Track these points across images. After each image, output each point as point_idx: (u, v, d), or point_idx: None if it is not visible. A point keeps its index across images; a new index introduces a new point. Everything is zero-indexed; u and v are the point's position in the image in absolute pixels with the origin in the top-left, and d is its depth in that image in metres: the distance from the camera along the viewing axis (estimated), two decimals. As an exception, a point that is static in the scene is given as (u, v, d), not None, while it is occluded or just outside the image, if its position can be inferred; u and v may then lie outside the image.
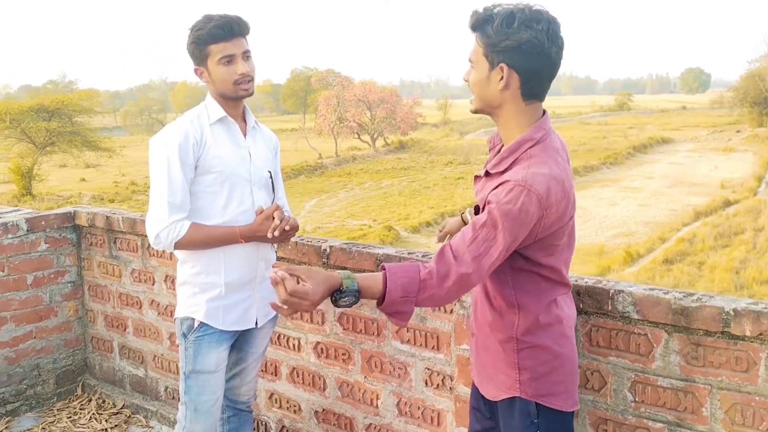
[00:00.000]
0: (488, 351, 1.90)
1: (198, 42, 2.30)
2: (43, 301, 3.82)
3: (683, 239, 22.91)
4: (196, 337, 2.40)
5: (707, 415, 2.04)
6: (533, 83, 1.75)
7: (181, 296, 2.46)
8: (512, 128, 1.80)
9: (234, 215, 2.38)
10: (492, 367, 1.90)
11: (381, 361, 2.83)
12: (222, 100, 2.38)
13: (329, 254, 2.88)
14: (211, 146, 2.34)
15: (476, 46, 1.77)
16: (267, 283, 2.51)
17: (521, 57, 1.70)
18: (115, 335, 3.90)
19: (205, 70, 2.34)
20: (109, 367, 3.96)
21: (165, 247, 2.31)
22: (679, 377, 2.07)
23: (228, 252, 2.38)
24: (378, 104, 49.64)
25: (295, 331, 3.09)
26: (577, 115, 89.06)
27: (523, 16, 1.69)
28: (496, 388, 1.89)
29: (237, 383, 2.63)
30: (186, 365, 2.43)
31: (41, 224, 3.77)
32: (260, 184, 2.46)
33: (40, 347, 3.82)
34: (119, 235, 3.76)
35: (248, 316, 2.48)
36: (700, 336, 2.03)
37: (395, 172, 40.66)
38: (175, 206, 2.28)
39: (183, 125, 2.34)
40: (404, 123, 50.35)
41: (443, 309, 2.61)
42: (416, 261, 1.91)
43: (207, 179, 2.34)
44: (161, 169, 2.29)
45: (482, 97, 1.80)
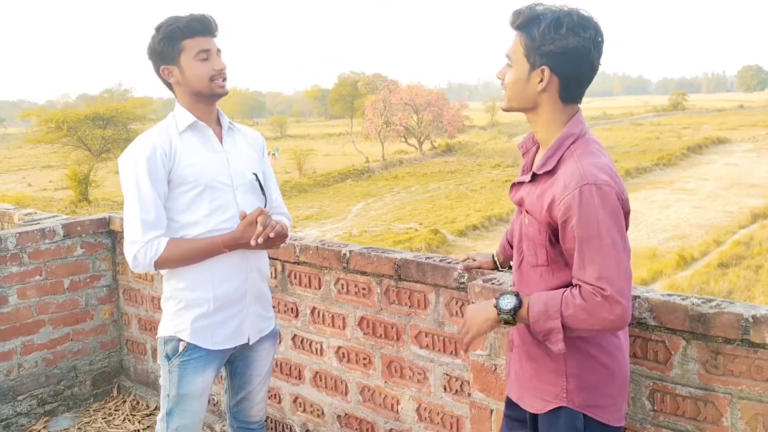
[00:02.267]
0: (533, 360, 1.84)
1: (171, 37, 2.16)
2: (80, 304, 3.94)
3: (739, 242, 22.16)
4: (181, 360, 2.25)
5: (727, 425, 1.97)
6: (572, 88, 1.74)
7: (166, 313, 2.31)
8: (551, 128, 1.78)
9: (218, 223, 2.22)
10: (536, 378, 1.84)
11: (401, 366, 2.82)
12: (193, 103, 2.24)
13: (348, 259, 2.89)
14: (182, 156, 2.19)
15: (517, 45, 1.75)
16: (262, 297, 2.40)
17: (564, 62, 1.69)
18: (148, 338, 3.99)
19: (177, 68, 2.19)
20: (143, 369, 4.06)
21: (144, 268, 2.16)
22: (698, 386, 2.00)
23: (215, 264, 2.23)
24: (425, 107, 49.58)
25: (318, 335, 3.10)
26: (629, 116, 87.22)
27: (572, 22, 1.67)
28: (540, 399, 1.83)
29: (246, 406, 2.51)
30: (169, 388, 2.28)
31: (77, 230, 3.88)
32: (245, 188, 2.30)
33: (76, 349, 3.94)
34: (151, 240, 3.84)
35: (240, 331, 2.32)
36: (720, 343, 1.96)
37: (442, 176, 40.50)
38: (149, 224, 2.14)
39: (149, 138, 2.20)
40: (451, 126, 50.15)
41: (460, 314, 2.59)
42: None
43: (183, 190, 2.20)
44: (131, 187, 2.15)
45: (518, 96, 1.79)
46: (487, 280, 2.34)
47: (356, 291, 2.91)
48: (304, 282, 3.11)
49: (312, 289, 3.09)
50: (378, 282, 2.83)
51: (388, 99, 48.68)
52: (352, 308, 2.94)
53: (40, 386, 3.80)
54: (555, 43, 1.67)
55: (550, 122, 1.78)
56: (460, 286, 2.54)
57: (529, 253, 1.81)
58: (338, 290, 2.99)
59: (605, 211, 1.62)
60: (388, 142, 48.85)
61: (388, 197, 34.80)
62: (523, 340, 1.89)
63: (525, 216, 1.81)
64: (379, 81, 57.70)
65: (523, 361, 1.89)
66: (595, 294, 1.61)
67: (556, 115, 1.77)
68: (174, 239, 2.19)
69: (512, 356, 1.97)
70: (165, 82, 2.26)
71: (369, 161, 45.61)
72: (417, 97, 49.86)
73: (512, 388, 1.97)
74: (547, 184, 1.73)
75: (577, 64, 1.70)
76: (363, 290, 2.89)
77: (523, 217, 1.83)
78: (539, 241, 1.77)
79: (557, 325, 1.65)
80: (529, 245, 1.80)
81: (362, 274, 2.87)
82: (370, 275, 2.84)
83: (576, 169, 1.66)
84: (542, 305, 1.68)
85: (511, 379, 1.98)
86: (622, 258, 1.64)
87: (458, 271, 2.53)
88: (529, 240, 1.79)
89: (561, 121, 1.77)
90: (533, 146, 1.92)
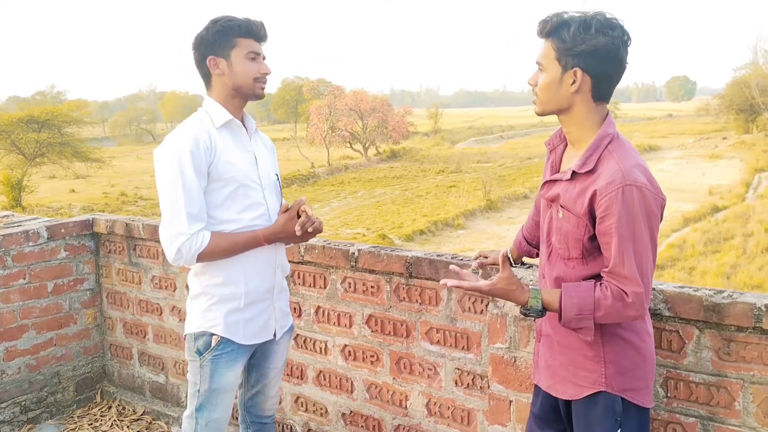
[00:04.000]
0: (568, 348, 1.92)
1: (228, 30, 2.20)
2: (63, 308, 3.84)
3: (673, 245, 23.06)
4: (213, 355, 2.27)
5: (740, 409, 2.09)
6: (604, 86, 1.84)
7: (196, 309, 2.31)
8: (585, 127, 1.87)
9: (250, 220, 2.27)
10: (572, 365, 1.91)
11: (410, 362, 2.87)
12: (229, 99, 2.27)
13: (357, 258, 2.93)
14: (222, 152, 2.22)
15: (547, 51, 1.85)
16: (284, 293, 2.47)
17: (596, 61, 1.79)
18: (134, 342, 3.92)
19: (224, 60, 2.22)
20: (128, 374, 3.98)
21: (186, 261, 2.17)
22: (711, 372, 2.13)
23: (247, 260, 2.27)
24: (370, 113, 49.76)
25: (322, 334, 3.13)
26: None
27: (599, 23, 1.78)
28: (576, 385, 1.90)
29: (261, 399, 2.54)
30: (201, 383, 2.29)
31: (61, 232, 3.79)
32: (270, 188, 2.36)
33: (60, 354, 3.84)
34: (139, 242, 3.79)
35: (267, 327, 2.38)
36: (732, 332, 2.09)
37: (387, 181, 40.71)
38: (194, 216, 2.15)
39: (191, 131, 2.19)
40: (396, 132, 50.48)
41: (473, 309, 2.67)
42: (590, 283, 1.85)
43: (219, 186, 2.21)
44: (174, 179, 2.14)
45: (552, 99, 1.88)
46: (506, 275, 2.42)
47: (364, 289, 2.95)
48: (308, 281, 3.13)
49: (317, 288, 3.11)
50: (387, 280, 2.87)
51: (334, 104, 48.65)
52: (360, 306, 2.98)
53: (23, 393, 3.69)
54: (586, 43, 1.78)
55: (584, 121, 1.88)
56: (474, 282, 2.61)
57: (561, 247, 1.89)
58: (345, 289, 3.02)
59: (642, 213, 1.74)
60: (333, 148, 48.80)
61: (335, 203, 34.75)
62: (555, 330, 1.96)
63: (559, 211, 1.89)
64: (324, 86, 57.66)
65: (555, 351, 1.97)
66: (627, 295, 1.75)
67: (590, 115, 1.87)
68: (216, 232, 2.20)
69: (540, 346, 2.04)
70: (205, 73, 2.28)
71: (315, 166, 45.45)
72: (362, 102, 49.99)
73: (541, 378, 2.04)
74: (589, 181, 1.82)
75: (608, 62, 1.81)
76: (372, 288, 2.93)
77: (556, 212, 1.91)
78: (576, 236, 1.85)
79: (590, 325, 1.80)
80: (561, 239, 1.89)
81: (371, 272, 2.91)
82: (379, 273, 2.89)
83: (618, 169, 1.76)
84: (576, 309, 1.79)
85: (539, 369, 2.05)
86: (650, 259, 1.78)
87: (472, 267, 2.61)
88: (563, 234, 1.88)
89: (594, 121, 1.87)
90: (560, 144, 2.01)
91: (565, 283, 1.83)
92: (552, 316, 1.95)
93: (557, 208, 1.90)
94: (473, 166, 44.82)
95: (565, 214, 1.87)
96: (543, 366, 2.03)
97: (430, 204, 32.21)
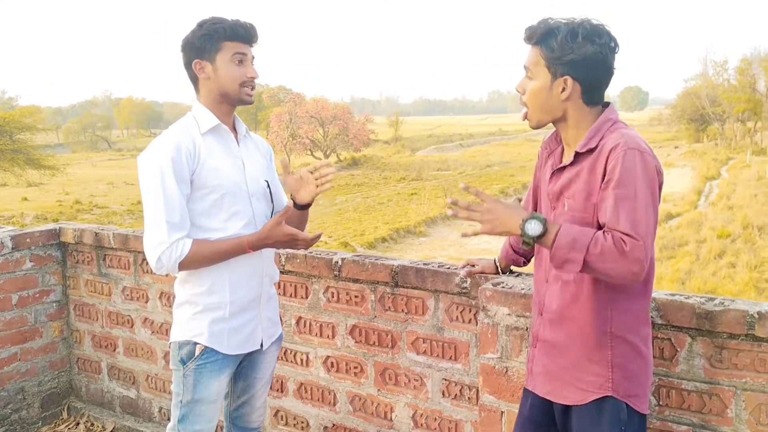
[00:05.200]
0: (571, 351, 1.88)
1: (213, 34, 2.15)
2: (28, 321, 3.68)
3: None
4: (197, 364, 2.21)
5: (732, 416, 2.10)
6: (593, 92, 1.84)
7: (180, 318, 2.26)
8: (581, 128, 1.87)
9: (236, 230, 2.21)
10: (575, 369, 1.87)
11: (395, 373, 2.82)
12: (216, 104, 2.22)
13: (341, 267, 2.87)
14: (206, 158, 2.16)
15: (536, 58, 1.84)
16: (272, 302, 2.42)
17: (585, 69, 1.80)
18: (103, 356, 3.78)
19: (210, 65, 2.17)
20: (96, 389, 3.84)
21: (168, 269, 2.13)
22: (703, 380, 2.13)
23: (233, 268, 2.22)
24: (330, 121, 49.68)
25: (304, 345, 3.06)
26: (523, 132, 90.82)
27: (585, 31, 1.78)
28: (580, 390, 1.86)
29: (247, 411, 2.48)
30: (183, 394, 2.24)
31: (26, 242, 3.64)
32: (258, 195, 2.30)
33: (24, 370, 3.68)
34: (109, 252, 3.66)
35: (254, 337, 2.32)
36: (724, 339, 2.09)
37: (349, 189, 40.63)
38: (175, 225, 2.10)
39: (173, 137, 2.15)
40: (357, 140, 50.48)
41: (461, 319, 2.64)
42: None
43: (203, 194, 2.17)
44: (155, 187, 2.09)
45: (542, 107, 1.87)
46: (497, 283, 2.40)
47: (348, 299, 2.90)
48: (289, 291, 3.05)
49: (298, 298, 3.04)
50: (372, 289, 2.82)
51: (294, 111, 48.44)
52: (343, 317, 2.92)
53: (-14, 411, 3.53)
54: (574, 51, 1.79)
55: (580, 123, 1.88)
56: (462, 291, 2.59)
57: None
58: (328, 299, 2.96)
59: (644, 176, 1.72)
60: (294, 155, 48.50)
61: (296, 210, 34.48)
62: (556, 333, 1.92)
63: (565, 204, 1.85)
64: (284, 93, 57.38)
65: (554, 354, 1.93)
66: (625, 243, 1.66)
67: (586, 117, 1.87)
68: (198, 240, 2.16)
69: (537, 351, 2.00)
70: (192, 76, 2.23)
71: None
72: (323, 110, 49.89)
73: (537, 384, 2.00)
74: (593, 159, 1.79)
75: (597, 69, 1.82)
76: (356, 298, 2.87)
77: (562, 207, 1.87)
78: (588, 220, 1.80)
79: (579, 259, 1.69)
80: None
81: (355, 281, 2.86)
82: (363, 283, 2.84)
83: (620, 136, 1.76)
84: (570, 237, 1.70)
85: (534, 375, 2.00)
86: (651, 221, 1.73)
87: (460, 276, 2.58)
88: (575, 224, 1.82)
89: (590, 120, 1.87)
90: (557, 147, 1.99)
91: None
92: (550, 318, 1.92)
93: (562, 202, 1.87)
94: (434, 173, 45.06)
95: (570, 204, 1.84)
96: (540, 371, 1.99)
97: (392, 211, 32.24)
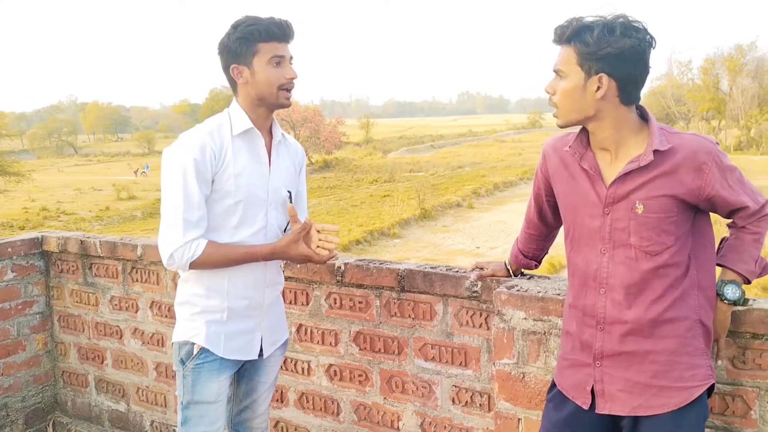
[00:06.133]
0: (663, 353, 1.79)
1: (248, 37, 2.09)
2: (11, 334, 3.52)
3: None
4: (195, 364, 2.18)
5: (756, 417, 2.06)
6: (630, 89, 1.76)
7: (180, 318, 2.24)
8: (623, 130, 1.79)
9: (245, 236, 2.17)
10: (674, 369, 1.78)
11: (402, 380, 2.74)
12: (254, 107, 2.17)
13: (344, 272, 2.78)
14: (230, 162, 2.12)
15: (568, 56, 1.76)
16: (275, 307, 2.36)
17: (622, 64, 1.71)
18: (90, 368, 3.63)
19: (247, 69, 2.12)
20: (83, 403, 3.69)
21: (179, 267, 2.11)
22: (727, 381, 2.09)
23: (234, 275, 2.18)
24: (302, 123, 49.42)
25: (305, 354, 2.96)
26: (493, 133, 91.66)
27: (623, 25, 1.70)
28: (683, 390, 1.78)
29: (249, 416, 2.42)
30: (184, 395, 2.21)
31: (8, 251, 3.48)
32: (277, 204, 2.25)
33: (7, 385, 3.51)
34: (96, 261, 3.52)
35: (251, 346, 2.26)
36: (747, 339, 2.05)
37: (322, 191, 40.41)
38: (191, 224, 2.06)
39: (200, 137, 2.10)
40: (328, 142, 50.30)
41: (471, 323, 2.57)
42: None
43: (221, 197, 2.13)
44: (176, 184, 2.06)
45: (576, 108, 1.78)
46: (510, 287, 2.33)
47: (351, 305, 2.81)
48: (288, 298, 2.95)
49: (298, 305, 2.94)
50: (377, 295, 2.74)
51: (264, 115, 48.09)
52: (347, 323, 2.83)
53: (-33, 429, 3.36)
54: (612, 45, 1.69)
55: (622, 124, 1.79)
56: (473, 295, 2.52)
57: (650, 242, 1.77)
58: (330, 305, 2.86)
59: (728, 160, 1.80)
60: (264, 158, 48.17)
61: (269, 214, 34.23)
62: (641, 341, 1.80)
63: (638, 206, 1.77)
64: (253, 97, 56.86)
65: (639, 364, 1.81)
66: (763, 214, 1.85)
67: (626, 116, 1.78)
68: (212, 242, 2.11)
69: (605, 369, 1.85)
70: (231, 80, 2.18)
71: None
72: (293, 113, 49.56)
73: (615, 404, 1.84)
74: (669, 160, 1.76)
75: (634, 65, 1.73)
76: (360, 304, 2.79)
77: (630, 210, 1.78)
78: (666, 224, 1.76)
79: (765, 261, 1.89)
80: (648, 235, 1.77)
81: (359, 287, 2.77)
82: (367, 288, 2.75)
83: (698, 138, 1.80)
84: (754, 265, 1.87)
85: (608, 395, 1.85)
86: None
87: (471, 279, 2.51)
88: (650, 228, 1.76)
89: (633, 121, 1.79)
90: (586, 150, 1.87)
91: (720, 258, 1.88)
92: (629, 329, 1.81)
93: (632, 204, 1.77)
94: (406, 175, 45.08)
95: (646, 205, 1.76)
96: (621, 388, 1.84)
97: (365, 214, 32.16)
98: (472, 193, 35.92)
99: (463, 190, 36.70)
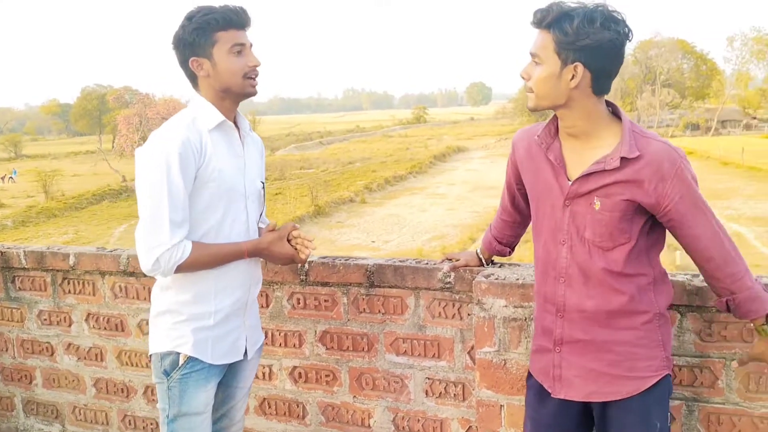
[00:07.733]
0: (619, 344, 1.85)
1: (205, 27, 1.99)
2: None
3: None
4: (182, 374, 2.09)
5: (723, 386, 2.20)
6: (603, 81, 1.78)
7: (161, 327, 2.12)
8: (592, 120, 1.82)
9: (228, 233, 2.10)
10: (627, 360, 1.84)
11: (373, 377, 2.71)
12: (218, 100, 2.07)
13: (308, 270, 2.71)
14: (211, 156, 2.02)
15: (546, 43, 1.76)
16: (254, 307, 2.31)
17: (598, 56, 1.73)
18: (16, 390, 3.34)
19: (208, 61, 2.02)
20: (9, 428, 3.38)
21: (164, 272, 1.99)
22: (695, 354, 2.21)
23: (220, 275, 2.10)
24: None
25: (266, 358, 2.85)
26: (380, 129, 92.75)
27: (603, 17, 1.71)
28: (636, 379, 1.84)
29: (226, 424, 2.34)
30: (170, 408, 2.11)
31: None
32: (254, 196, 2.20)
33: None
34: (20, 273, 3.23)
35: (237, 346, 2.21)
36: (713, 313, 2.18)
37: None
38: (177, 224, 1.96)
39: (180, 131, 1.98)
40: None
41: (444, 314, 2.57)
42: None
43: (203, 193, 2.03)
44: (159, 182, 1.94)
45: (549, 94, 1.80)
46: (487, 275, 2.36)
47: (316, 304, 2.74)
48: (247, 301, 2.83)
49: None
50: (344, 292, 2.69)
51: (144, 113, 46.04)
52: (312, 323, 2.76)
53: None
54: (590, 37, 1.71)
55: (591, 114, 1.82)
56: (445, 286, 2.53)
57: (603, 239, 1.82)
58: (293, 306, 2.78)
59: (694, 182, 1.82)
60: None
61: (155, 217, 32.84)
62: (596, 331, 1.86)
63: (596, 202, 1.81)
64: (130, 95, 54.45)
65: (595, 352, 1.87)
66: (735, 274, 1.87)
67: (596, 107, 1.82)
68: (197, 243, 2.02)
69: (563, 355, 1.91)
70: (190, 74, 2.06)
71: (126, 180, 42.67)
72: (175, 111, 47.54)
73: (571, 388, 1.90)
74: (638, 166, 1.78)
75: (610, 58, 1.76)
76: (326, 302, 2.72)
77: (589, 205, 1.82)
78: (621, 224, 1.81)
79: None
80: (601, 231, 1.81)
81: (324, 285, 2.71)
82: (334, 285, 2.69)
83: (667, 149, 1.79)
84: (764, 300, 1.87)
85: (564, 380, 1.91)
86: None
87: (443, 271, 2.51)
88: (604, 225, 1.80)
89: (602, 111, 1.83)
90: (553, 141, 1.91)
91: (744, 315, 1.89)
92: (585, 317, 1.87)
93: (591, 200, 1.82)
94: (296, 172, 44.75)
95: (603, 203, 1.80)
96: (576, 374, 1.90)
97: (258, 212, 31.57)
98: (364, 188, 36.17)
99: (354, 186, 36.87)
